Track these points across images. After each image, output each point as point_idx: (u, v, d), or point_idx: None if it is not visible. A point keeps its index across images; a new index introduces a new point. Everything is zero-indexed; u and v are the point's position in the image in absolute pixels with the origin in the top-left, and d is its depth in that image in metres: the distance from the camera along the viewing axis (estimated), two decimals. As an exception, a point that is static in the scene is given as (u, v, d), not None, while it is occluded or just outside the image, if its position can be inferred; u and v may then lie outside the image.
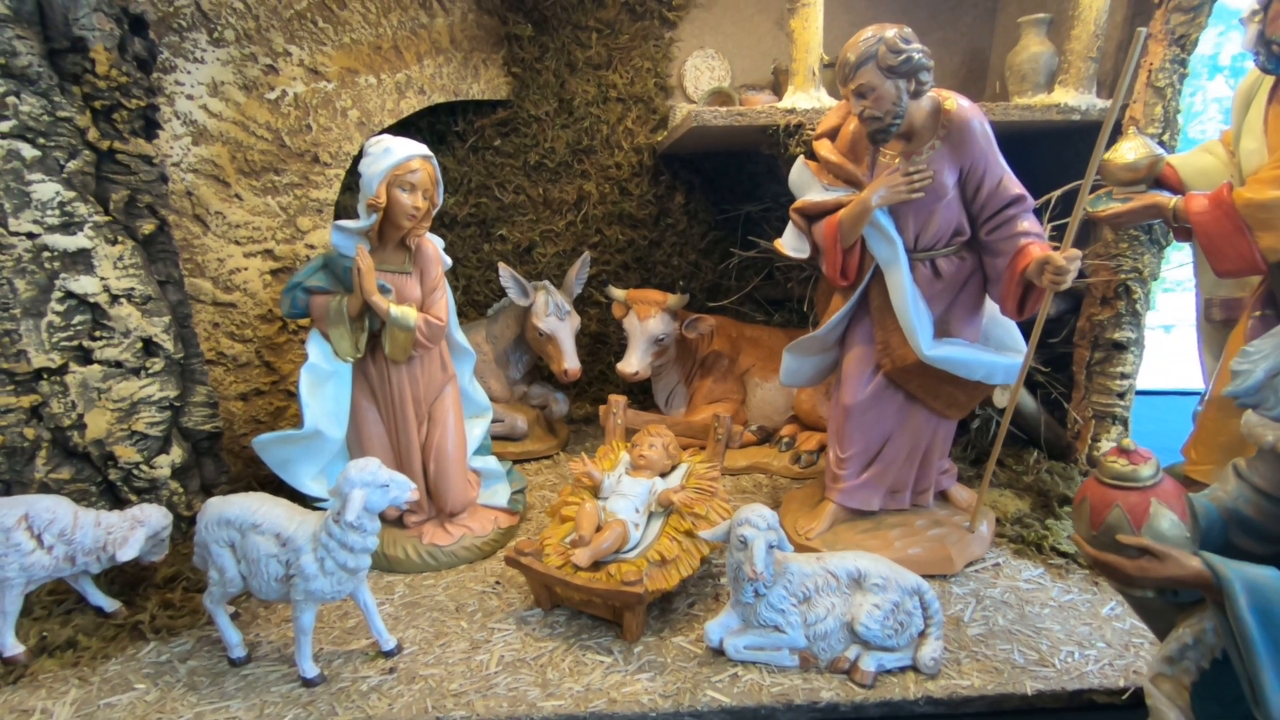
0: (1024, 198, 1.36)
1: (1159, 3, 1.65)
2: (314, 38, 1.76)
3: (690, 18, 2.31)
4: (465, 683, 1.23)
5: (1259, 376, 0.80)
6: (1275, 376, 0.79)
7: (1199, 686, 0.97)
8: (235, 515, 1.21)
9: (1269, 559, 0.88)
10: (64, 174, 1.31)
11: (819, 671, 1.26)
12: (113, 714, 1.16)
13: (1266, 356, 0.80)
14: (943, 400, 1.55)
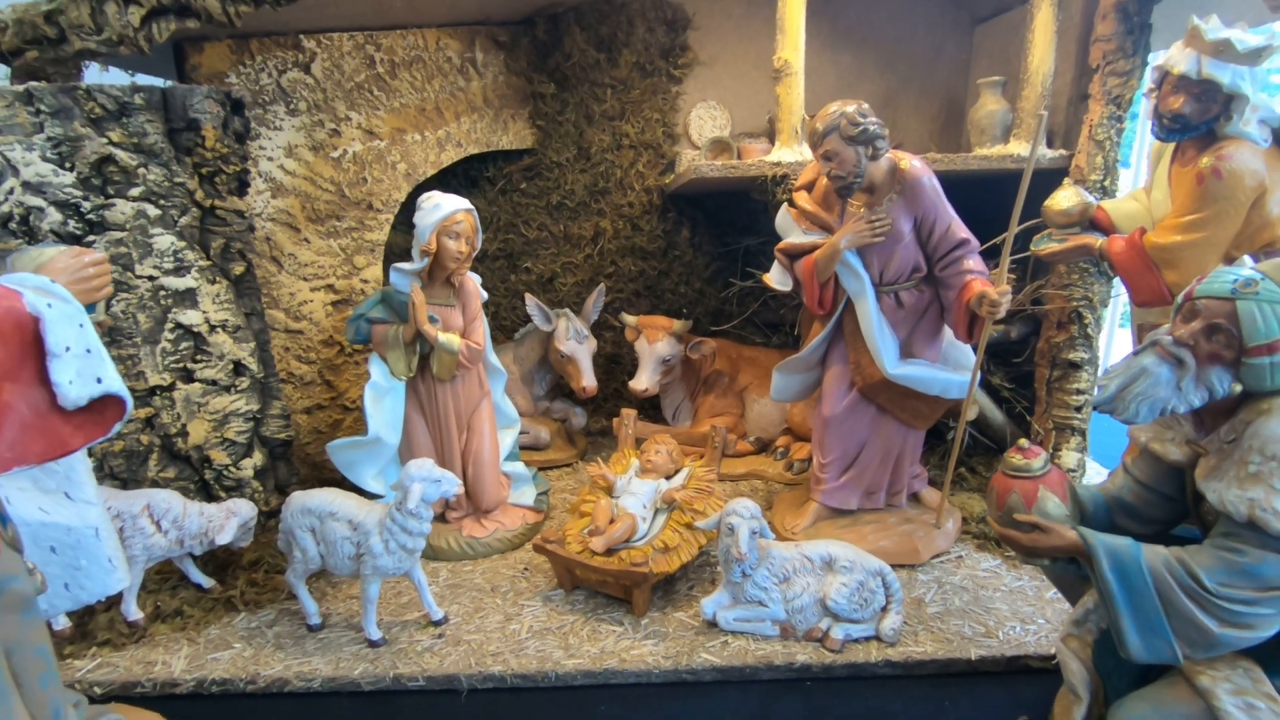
0: (968, 240, 1.61)
1: (1096, 67, 1.91)
2: (370, 104, 2.07)
3: (694, 74, 2.59)
4: (501, 646, 1.48)
5: (1113, 390, 1.04)
6: (1124, 390, 1.03)
7: (1099, 643, 1.20)
8: (315, 505, 1.49)
9: (1147, 537, 1.11)
10: (177, 228, 1.61)
11: (796, 639, 1.49)
12: (217, 667, 1.43)
13: (1119, 375, 1.04)
14: (909, 412, 1.79)
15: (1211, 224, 1.41)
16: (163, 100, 1.55)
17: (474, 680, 1.40)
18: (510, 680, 1.41)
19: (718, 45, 2.58)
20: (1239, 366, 0.96)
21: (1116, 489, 1.20)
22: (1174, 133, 1.43)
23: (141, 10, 1.44)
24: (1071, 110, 2.04)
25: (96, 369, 0.91)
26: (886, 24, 2.59)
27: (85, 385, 0.90)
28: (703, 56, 2.58)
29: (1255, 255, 1.42)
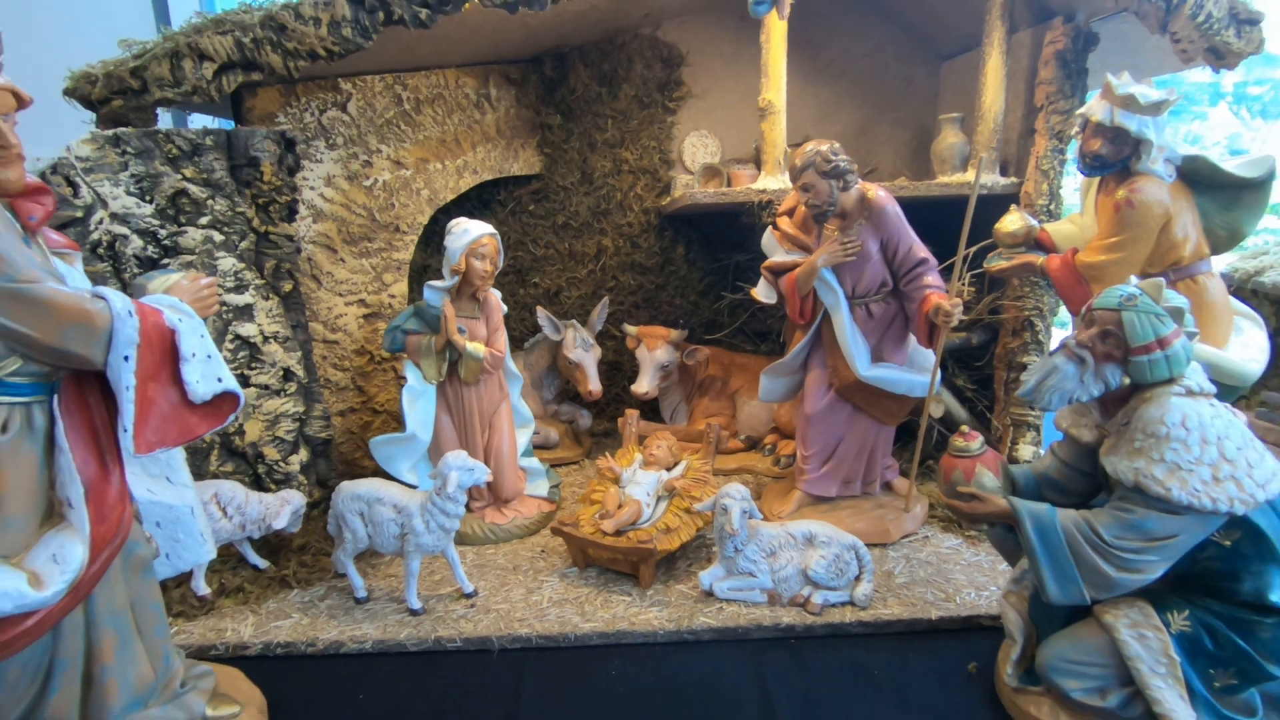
0: (927, 259, 1.86)
1: (1041, 106, 2.17)
2: (397, 138, 2.30)
3: (687, 105, 2.85)
4: (525, 613, 1.70)
5: (1032, 384, 1.28)
6: (1041, 384, 1.27)
7: (1032, 598, 1.44)
8: (364, 492, 1.71)
9: (1070, 507, 1.35)
10: (238, 251, 1.84)
11: (782, 605, 1.72)
12: (279, 633, 1.64)
13: (1037, 372, 1.28)
14: (880, 410, 2.03)
15: (1128, 246, 1.66)
16: (227, 141, 1.78)
17: (504, 641, 1.62)
18: (535, 641, 1.63)
19: (709, 80, 2.84)
20: (1126, 364, 1.21)
21: (1044, 468, 1.45)
22: (1095, 169, 1.69)
23: (214, 66, 1.67)
24: (1021, 143, 2.30)
25: (216, 371, 1.14)
26: (861, 60, 2.86)
27: (209, 384, 1.12)
28: (695, 90, 2.84)
29: (1165, 272, 1.68)
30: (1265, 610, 1.16)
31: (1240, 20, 1.78)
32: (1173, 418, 1.16)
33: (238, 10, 1.70)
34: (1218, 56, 1.82)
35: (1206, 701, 1.19)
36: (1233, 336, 1.69)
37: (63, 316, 0.97)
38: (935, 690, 1.49)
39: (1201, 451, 1.15)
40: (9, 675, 1.05)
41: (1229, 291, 1.76)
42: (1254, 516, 1.16)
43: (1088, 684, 1.26)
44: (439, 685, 1.51)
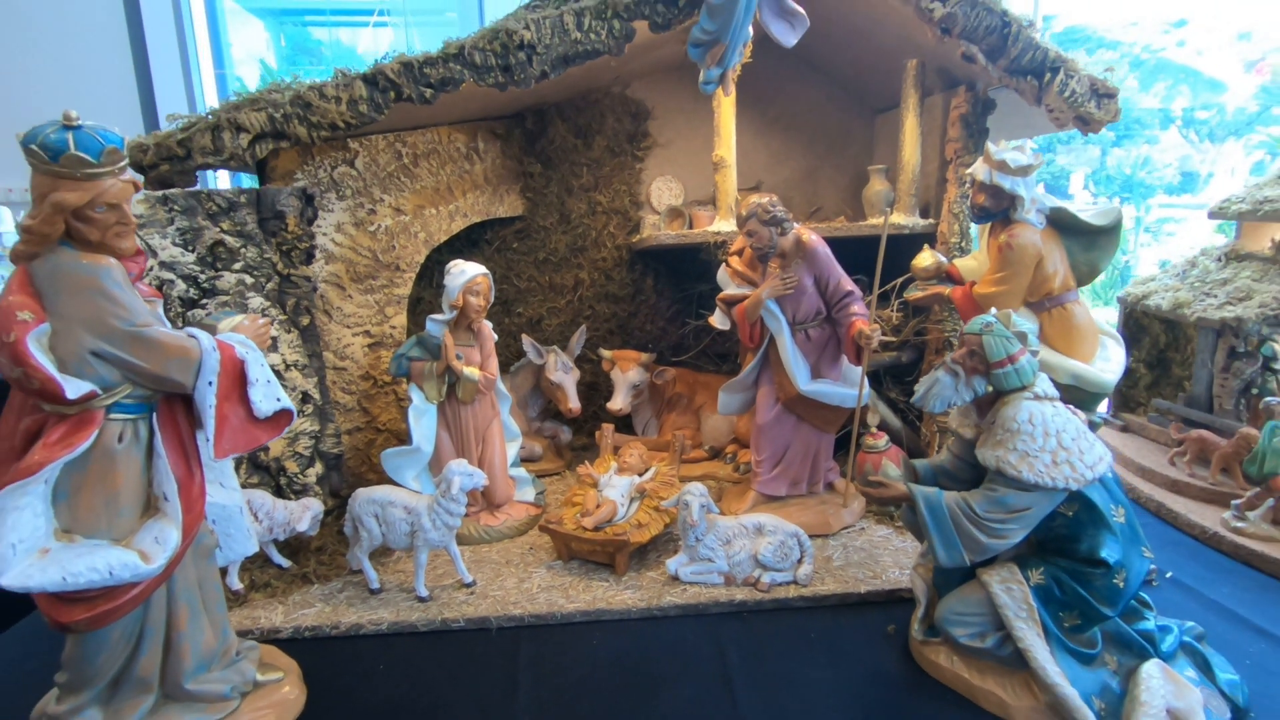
0: (853, 292, 2.21)
1: (950, 160, 2.56)
2: (398, 188, 2.61)
3: (654, 154, 3.20)
4: (519, 598, 1.99)
5: (921, 392, 1.62)
6: (928, 392, 1.60)
7: (936, 568, 1.76)
8: (379, 496, 1.99)
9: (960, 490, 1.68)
10: (264, 291, 2.13)
11: (736, 584, 2.02)
12: (306, 619, 1.91)
13: (925, 383, 1.62)
14: (820, 419, 2.37)
15: (1011, 280, 2.03)
16: (257, 199, 2.08)
17: (501, 621, 1.91)
18: (527, 620, 1.91)
19: (672, 131, 3.21)
20: (989, 376, 1.56)
21: (941, 460, 1.78)
22: (981, 218, 2.06)
23: (249, 136, 1.98)
24: (937, 189, 2.68)
25: (275, 392, 1.43)
26: (806, 113, 3.25)
27: (269, 403, 1.41)
28: (660, 140, 3.20)
29: (1041, 300, 2.05)
30: (1097, 564, 1.50)
31: (1099, 94, 2.19)
32: (1023, 416, 1.51)
33: (269, 89, 2.01)
34: (1084, 123, 2.22)
35: (1058, 638, 1.52)
36: (1098, 352, 2.06)
37: (168, 353, 1.27)
38: (861, 648, 1.81)
39: (1044, 442, 1.49)
40: (112, 638, 1.32)
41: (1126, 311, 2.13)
42: (1087, 492, 1.51)
43: (971, 630, 1.59)
44: (447, 658, 1.79)
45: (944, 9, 2.05)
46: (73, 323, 1.20)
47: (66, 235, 1.21)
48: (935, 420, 2.67)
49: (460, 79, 2.04)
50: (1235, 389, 2.60)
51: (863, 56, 2.88)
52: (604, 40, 2.07)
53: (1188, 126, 26.30)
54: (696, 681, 1.68)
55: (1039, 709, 1.50)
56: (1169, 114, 27.76)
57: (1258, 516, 2.21)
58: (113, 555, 1.22)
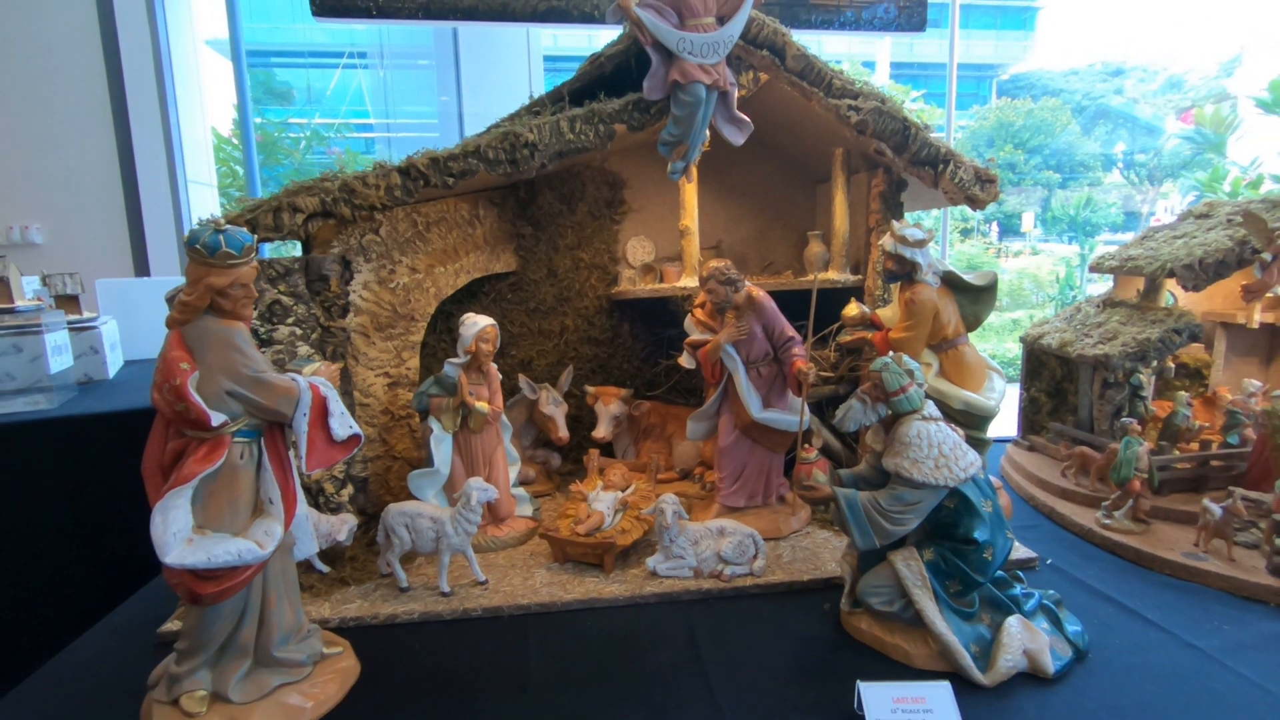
0: (794, 337, 2.72)
1: (872, 228, 3.13)
2: (414, 251, 3.08)
3: (630, 218, 3.72)
4: (524, 591, 2.40)
5: (840, 416, 2.12)
6: (844, 416, 2.10)
7: (860, 555, 2.24)
8: (409, 509, 2.41)
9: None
10: (310, 341, 2.56)
11: (704, 577, 2.47)
12: (349, 611, 2.29)
13: (843, 409, 2.12)
14: (771, 442, 2.86)
15: (915, 328, 2.56)
16: (306, 265, 2.54)
17: (511, 609, 2.32)
18: (534, 608, 2.33)
19: (644, 198, 3.74)
20: (888, 402, 2.06)
21: (861, 470, 2.27)
22: (890, 279, 2.61)
23: (304, 215, 2.44)
24: (864, 250, 3.24)
25: (348, 421, 1.87)
26: (758, 183, 3.82)
27: (344, 429, 1.85)
28: (634, 205, 3.73)
29: (940, 344, 2.59)
30: (971, 543, 1.99)
31: (982, 180, 2.77)
32: (913, 433, 2.01)
33: (321, 178, 2.47)
34: (972, 202, 2.80)
35: (945, 601, 2.00)
36: (985, 384, 2.59)
37: (279, 392, 1.71)
38: (803, 622, 2.26)
39: (929, 451, 1.99)
40: (225, 611, 1.73)
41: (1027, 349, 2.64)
42: (963, 489, 2.00)
43: (882, 599, 2.06)
44: (470, 639, 2.20)
45: (858, 116, 2.62)
46: (214, 370, 1.63)
47: (208, 306, 1.65)
48: (869, 445, 3.18)
49: (476, 170, 2.53)
50: (1109, 413, 3.17)
51: (800, 140, 3.46)
52: (591, 140, 2.59)
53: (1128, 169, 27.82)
54: (671, 649, 2.12)
55: (932, 655, 1.97)
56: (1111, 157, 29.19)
57: (1121, 514, 2.75)
58: (240, 543, 1.63)
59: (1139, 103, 24.60)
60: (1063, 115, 23.21)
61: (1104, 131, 25.12)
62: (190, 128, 9.30)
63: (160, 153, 8.84)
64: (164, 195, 8.98)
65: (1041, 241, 21.01)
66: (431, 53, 12.07)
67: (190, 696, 1.71)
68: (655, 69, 2.47)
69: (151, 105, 8.80)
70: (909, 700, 1.73)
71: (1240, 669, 1.95)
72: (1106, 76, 27.39)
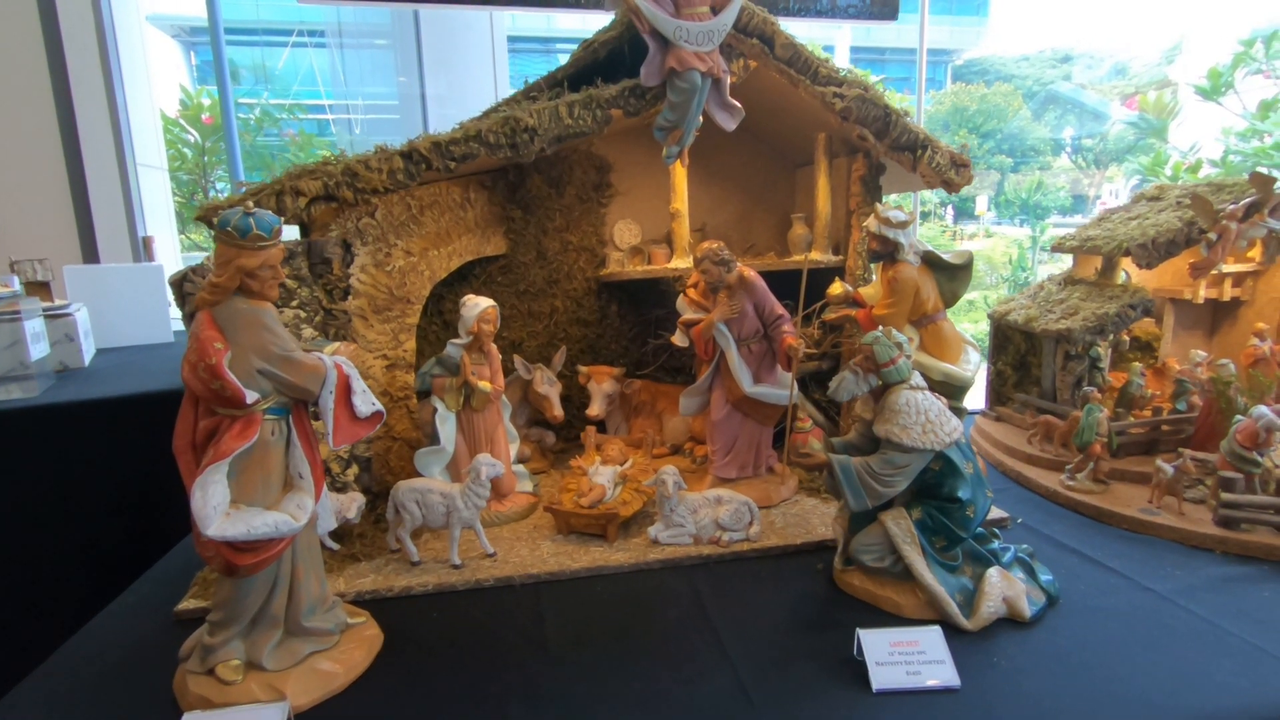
0: (784, 315, 2.86)
1: (853, 210, 3.28)
2: (408, 234, 3.11)
3: (616, 201, 3.80)
4: (533, 560, 2.50)
5: (834, 387, 2.26)
6: (838, 387, 2.24)
7: (851, 517, 2.39)
8: (419, 485, 2.48)
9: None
10: (314, 323, 2.59)
11: (703, 543, 2.60)
12: (363, 584, 2.36)
13: (836, 381, 2.26)
14: (760, 415, 3.00)
15: (897, 305, 2.72)
16: (309, 248, 2.56)
17: (522, 579, 2.42)
18: (544, 576, 2.43)
19: (630, 181, 3.82)
20: (879, 373, 2.21)
21: (851, 438, 2.42)
22: (875, 258, 2.76)
23: (306, 199, 2.46)
24: (845, 232, 3.39)
25: (370, 399, 1.93)
26: (740, 167, 3.93)
27: (366, 406, 1.92)
28: (620, 189, 3.81)
29: (920, 319, 2.75)
30: (954, 501, 2.16)
31: (957, 164, 2.93)
32: (902, 401, 2.16)
33: (324, 161, 2.50)
34: (948, 185, 2.96)
35: (932, 556, 2.17)
36: (962, 356, 2.77)
37: (309, 371, 1.76)
38: (797, 580, 2.41)
39: (917, 418, 2.15)
40: (258, 582, 1.79)
41: (995, 325, 2.83)
42: (948, 453, 2.17)
43: (874, 555, 2.22)
44: (485, 607, 2.29)
45: (843, 103, 2.75)
46: (245, 349, 1.68)
47: (237, 287, 1.70)
48: (850, 415, 3.35)
49: (477, 154, 2.58)
50: (1070, 383, 3.40)
51: (784, 125, 3.58)
52: (588, 124, 2.66)
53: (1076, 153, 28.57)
54: (679, 609, 2.25)
55: (921, 605, 2.14)
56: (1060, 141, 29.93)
57: (1083, 476, 2.97)
58: (276, 516, 1.70)
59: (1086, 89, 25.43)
60: (1015, 100, 23.85)
61: (1053, 116, 25.90)
62: (137, 108, 8.97)
63: (107, 134, 8.51)
64: (112, 178, 8.67)
65: (994, 225, 21.65)
66: (389, 32, 11.79)
67: (226, 666, 1.77)
68: (652, 56, 2.55)
69: (96, 84, 8.45)
70: (904, 644, 1.89)
71: (1191, 607, 2.17)
72: (1056, 63, 28.18)
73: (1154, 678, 1.86)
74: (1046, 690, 1.82)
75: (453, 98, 10.27)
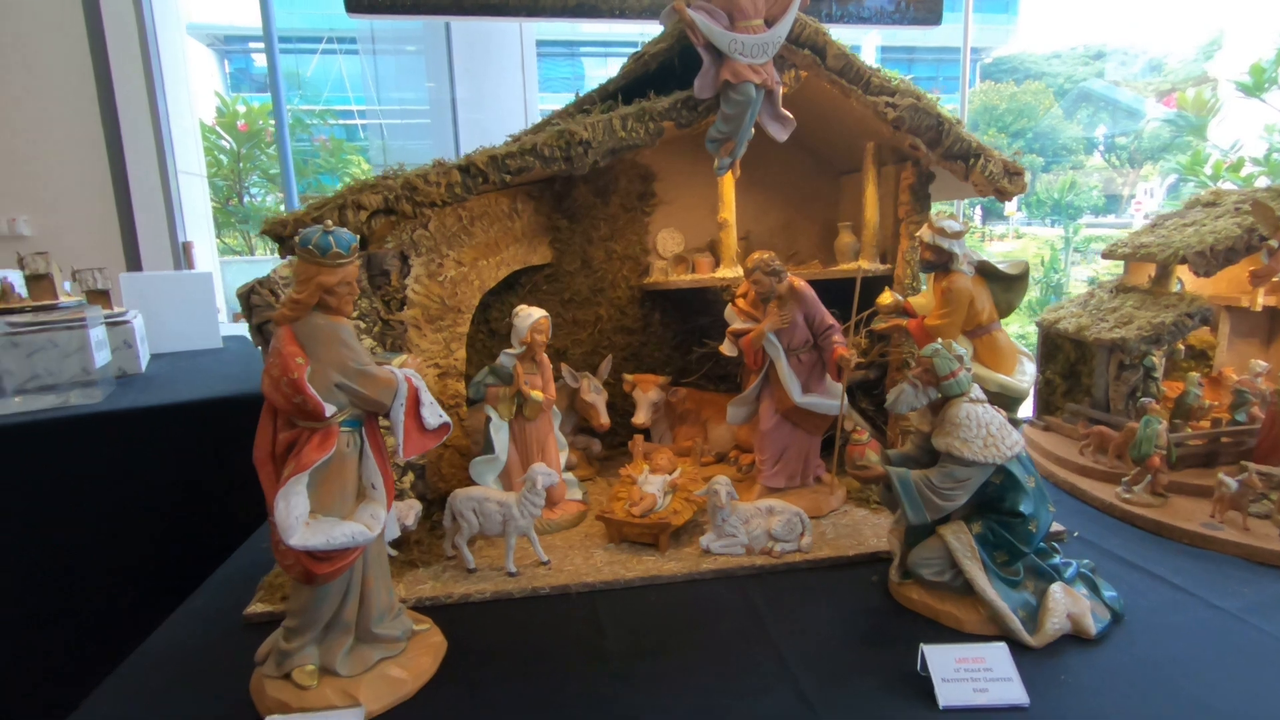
0: (834, 325, 2.85)
1: (902, 219, 3.26)
2: (459, 245, 3.16)
3: (659, 210, 3.82)
4: (587, 570, 2.52)
5: (893, 399, 2.25)
6: (896, 400, 2.23)
7: (906, 529, 2.38)
8: (476, 494, 2.51)
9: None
10: (373, 334, 2.65)
11: (754, 554, 2.61)
12: (423, 591, 2.40)
13: (894, 393, 2.25)
14: (810, 425, 2.99)
15: (952, 315, 2.70)
16: (369, 260, 2.62)
17: (578, 587, 2.44)
18: (599, 585, 2.45)
19: (674, 191, 3.84)
20: (938, 386, 2.20)
21: (906, 450, 2.41)
22: (927, 269, 2.74)
23: (367, 213, 2.52)
24: (893, 241, 3.37)
25: (437, 411, 1.97)
26: (784, 175, 3.92)
27: (434, 418, 1.95)
28: (664, 198, 3.83)
29: (975, 329, 2.73)
30: (1016, 515, 2.14)
31: (1011, 173, 2.89)
32: (963, 415, 2.15)
33: (384, 175, 2.55)
34: (1000, 194, 2.93)
35: (993, 570, 2.15)
36: (1017, 367, 2.74)
37: (383, 385, 1.81)
38: (853, 592, 2.40)
39: (978, 430, 2.13)
40: (333, 590, 1.83)
41: (1043, 333, 2.82)
42: (1008, 466, 2.15)
43: (933, 569, 2.21)
44: (543, 615, 2.32)
45: (895, 112, 2.74)
46: (325, 364, 1.73)
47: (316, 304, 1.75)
48: (899, 425, 3.33)
49: (532, 167, 2.62)
50: (1124, 393, 3.34)
51: (830, 134, 3.57)
52: (641, 137, 2.68)
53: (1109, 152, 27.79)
54: (735, 620, 2.26)
55: (982, 620, 2.12)
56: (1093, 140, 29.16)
57: (1140, 489, 2.92)
58: (353, 526, 1.74)
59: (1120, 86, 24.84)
60: (1045, 99, 23.40)
61: (1086, 115, 25.34)
62: (178, 116, 9.21)
63: (150, 142, 8.77)
64: (154, 185, 8.92)
65: (1024, 225, 21.26)
66: (420, 38, 11.94)
67: (301, 671, 1.82)
68: (706, 69, 2.56)
69: (139, 93, 8.71)
70: (970, 660, 1.87)
71: (1262, 625, 2.12)
72: (1088, 59, 27.55)
73: (1227, 698, 1.82)
74: (1117, 709, 1.80)
75: (481, 102, 10.39)
